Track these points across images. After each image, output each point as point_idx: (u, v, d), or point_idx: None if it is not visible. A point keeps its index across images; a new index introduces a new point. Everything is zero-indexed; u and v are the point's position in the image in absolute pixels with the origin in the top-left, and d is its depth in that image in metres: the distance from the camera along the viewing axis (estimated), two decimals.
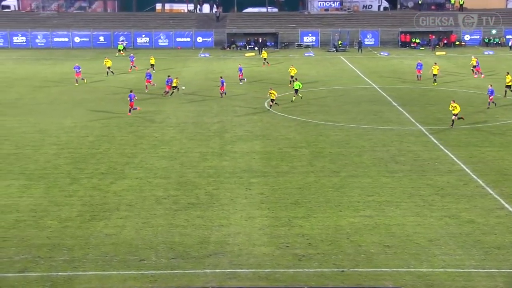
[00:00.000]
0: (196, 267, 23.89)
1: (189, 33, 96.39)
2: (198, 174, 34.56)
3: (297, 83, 54.09)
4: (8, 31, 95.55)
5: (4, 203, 30.03)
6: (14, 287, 22.01)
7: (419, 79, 63.09)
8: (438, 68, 61.58)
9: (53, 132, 43.21)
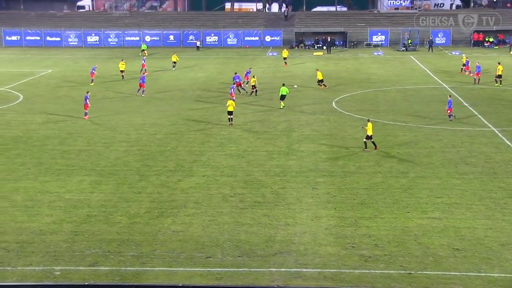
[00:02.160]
0: (262, 265, 23.90)
1: (258, 32, 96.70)
2: (265, 172, 34.59)
3: (282, 89, 51.06)
4: (83, 31, 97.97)
5: (77, 198, 30.76)
6: (85, 280, 22.49)
7: (477, 82, 60.51)
8: (501, 68, 59.54)
9: (123, 130, 44.03)
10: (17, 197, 30.88)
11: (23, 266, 23.79)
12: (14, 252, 24.95)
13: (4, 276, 22.96)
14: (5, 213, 28.80)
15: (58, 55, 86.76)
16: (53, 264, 23.91)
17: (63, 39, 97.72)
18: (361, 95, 56.02)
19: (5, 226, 27.39)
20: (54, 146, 40.00)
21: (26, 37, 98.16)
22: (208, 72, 70.37)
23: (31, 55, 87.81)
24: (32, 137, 41.99)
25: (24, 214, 28.71)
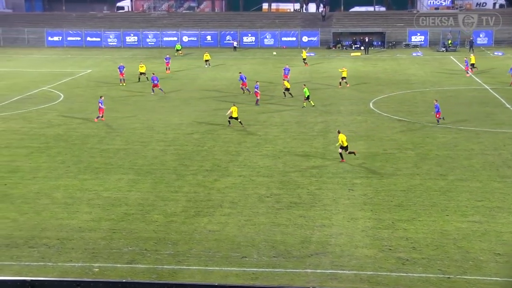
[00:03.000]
0: (297, 266, 23.89)
1: (295, 32, 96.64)
2: (301, 173, 34.55)
3: (305, 90, 51.04)
4: (122, 31, 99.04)
5: (115, 196, 31.12)
6: (123, 277, 22.70)
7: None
8: None
9: (160, 129, 44.39)
10: (58, 195, 31.37)
11: (63, 262, 24.17)
12: (55, 248, 25.36)
13: (46, 271, 23.36)
14: (46, 210, 29.28)
15: (98, 55, 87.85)
16: (91, 261, 24.24)
17: (102, 39, 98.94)
18: (399, 96, 55.59)
19: (46, 222, 27.86)
20: (93, 144, 40.53)
21: (67, 38, 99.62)
22: (245, 73, 70.39)
23: (72, 55, 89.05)
24: (72, 136, 42.60)
25: (64, 211, 29.16)
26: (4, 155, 38.22)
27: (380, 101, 53.61)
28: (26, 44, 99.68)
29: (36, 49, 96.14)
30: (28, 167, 35.83)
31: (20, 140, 41.71)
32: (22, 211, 29.23)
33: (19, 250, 25.14)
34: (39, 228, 27.26)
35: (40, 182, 33.31)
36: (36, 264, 24.03)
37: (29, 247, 25.46)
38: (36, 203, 30.20)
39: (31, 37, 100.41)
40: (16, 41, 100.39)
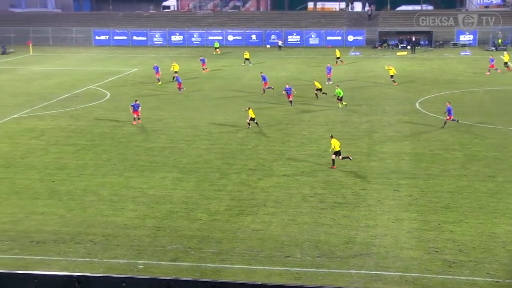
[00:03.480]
0: (341, 267, 23.71)
1: (340, 31, 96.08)
2: (345, 173, 34.31)
3: (338, 90, 50.20)
4: (167, 30, 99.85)
5: (159, 194, 31.36)
6: (167, 274, 22.86)
7: None
8: None
9: (205, 128, 44.58)
10: (104, 192, 31.76)
11: (108, 258, 24.45)
12: (101, 244, 25.67)
13: (91, 267, 23.66)
14: (92, 207, 29.67)
15: (144, 54, 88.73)
16: (136, 258, 24.46)
17: (148, 38, 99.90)
18: (446, 96, 54.74)
19: (92, 219, 28.22)
20: (139, 143, 40.92)
21: (114, 37, 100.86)
22: (290, 72, 70.41)
23: (118, 54, 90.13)
24: (118, 134, 43.10)
25: (109, 208, 29.50)
26: (52, 152, 38.87)
27: (426, 101, 52.92)
28: (74, 43, 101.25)
29: (83, 48, 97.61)
30: (75, 164, 36.37)
31: (67, 137, 42.36)
32: (69, 207, 29.68)
33: (66, 246, 25.52)
34: (86, 225, 27.64)
35: (87, 179, 33.77)
36: (82, 260, 24.36)
37: (76, 243, 25.83)
38: (83, 200, 30.63)
39: (79, 36, 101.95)
40: (65, 40, 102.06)
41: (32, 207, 29.79)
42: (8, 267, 23.38)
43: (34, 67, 77.58)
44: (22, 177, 34.12)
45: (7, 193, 31.66)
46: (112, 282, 21.34)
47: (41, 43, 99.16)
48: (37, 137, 41.99)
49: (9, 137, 42.42)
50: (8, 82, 65.88)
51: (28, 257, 24.54)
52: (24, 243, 25.77)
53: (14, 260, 24.24)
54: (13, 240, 26.10)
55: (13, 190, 32.08)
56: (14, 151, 39.12)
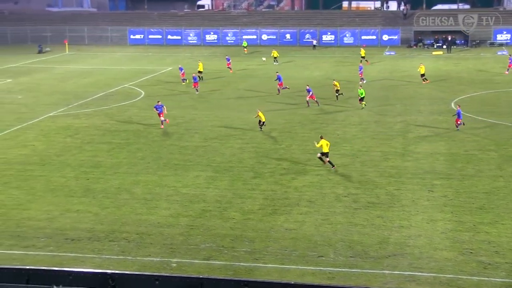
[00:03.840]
0: (375, 267, 23.56)
1: (375, 31, 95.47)
2: (379, 173, 34.09)
3: (360, 91, 49.62)
4: (202, 29, 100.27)
5: (193, 193, 31.49)
6: (200, 273, 22.96)
7: None
8: None
9: (238, 127, 44.66)
10: (137, 190, 32.00)
11: (142, 256, 24.63)
12: (134, 242, 25.87)
13: (125, 265, 23.86)
14: (126, 205, 29.92)
15: (178, 53, 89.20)
16: (169, 256, 24.60)
17: (183, 37, 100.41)
18: (481, 96, 54.11)
19: (126, 217, 28.46)
20: (172, 141, 41.15)
21: (148, 36, 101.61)
22: (324, 71, 70.20)
23: (152, 53, 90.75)
24: (152, 133, 43.39)
25: (143, 207, 29.72)
26: (87, 151, 39.30)
27: (461, 101, 52.26)
28: (109, 42, 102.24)
29: (118, 47, 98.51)
30: (110, 163, 36.72)
31: (102, 136, 42.79)
32: (104, 205, 29.97)
33: (100, 244, 25.77)
34: (119, 223, 27.88)
35: (121, 177, 34.07)
36: (116, 257, 24.57)
37: (110, 240, 26.07)
38: (117, 198, 30.91)
39: (114, 36, 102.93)
40: (100, 39, 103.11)
41: (67, 204, 30.16)
42: (44, 263, 23.72)
43: (70, 66, 78.53)
44: (58, 175, 34.57)
45: (43, 191, 32.10)
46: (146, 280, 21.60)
47: (77, 42, 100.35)
48: (72, 135, 42.50)
49: (44, 135, 43.01)
50: (44, 81, 66.80)
51: (63, 254, 24.85)
52: (59, 240, 26.11)
53: (49, 257, 24.56)
54: (48, 237, 26.45)
55: (49, 188, 32.51)
56: (49, 149, 39.66)
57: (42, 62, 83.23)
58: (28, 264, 23.49)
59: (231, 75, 68.25)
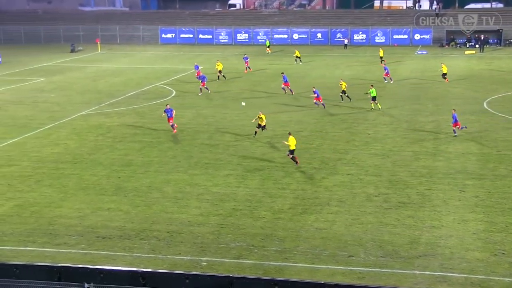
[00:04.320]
0: (405, 267, 23.40)
1: (407, 30, 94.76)
2: (410, 173, 33.85)
3: (372, 90, 48.63)
4: (233, 28, 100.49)
5: (223, 192, 31.58)
6: (230, 272, 23.01)
7: None
8: None
9: (269, 126, 44.58)
10: (168, 189, 32.18)
11: (172, 255, 24.76)
12: (165, 241, 26.02)
13: (156, 263, 24.01)
14: (157, 204, 30.12)
15: (209, 52, 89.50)
16: (200, 255, 24.69)
17: (214, 36, 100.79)
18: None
19: (157, 216, 28.64)
20: (203, 140, 41.30)
21: (180, 35, 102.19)
22: (355, 71, 69.90)
23: (184, 52, 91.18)
24: (182, 131, 43.59)
25: (174, 205, 29.88)
26: (118, 149, 39.63)
27: (494, 101, 51.71)
28: (141, 41, 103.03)
29: (150, 46, 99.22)
30: (141, 161, 36.99)
31: (133, 134, 43.11)
32: (134, 204, 30.20)
33: (131, 242, 25.97)
34: (150, 221, 28.07)
35: (152, 176, 34.29)
36: (146, 256, 24.74)
37: (140, 239, 26.26)
38: (148, 197, 31.12)
39: (145, 35, 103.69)
40: (132, 39, 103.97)
41: (98, 203, 30.45)
42: (75, 261, 23.98)
43: (102, 65, 79.28)
44: (89, 173, 34.92)
45: (75, 189, 32.46)
46: (176, 278, 21.76)
47: (109, 41, 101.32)
48: (104, 134, 42.89)
49: (77, 134, 43.48)
50: (77, 80, 67.53)
51: (94, 252, 25.09)
52: (91, 238, 26.37)
53: (81, 255, 24.82)
54: (80, 235, 26.74)
55: (80, 186, 32.86)
56: (81, 148, 40.09)
57: (74, 61, 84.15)
58: (60, 261, 23.81)
59: (263, 74, 68.21)
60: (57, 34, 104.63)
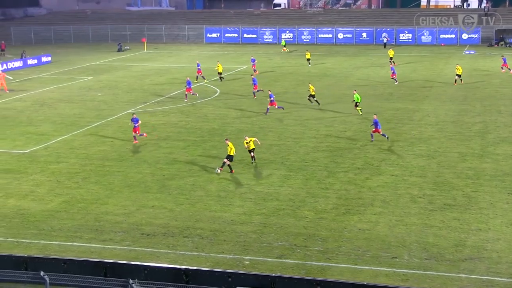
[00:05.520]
0: (450, 270, 23.07)
1: (454, 29, 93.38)
2: (456, 174, 33.36)
3: (356, 96, 47.33)
4: (277, 28, 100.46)
5: (266, 191, 31.59)
6: (272, 271, 23.01)
7: None
8: None
9: (313, 126, 44.53)
10: (212, 187, 32.33)
11: (215, 253, 24.87)
12: (208, 239, 26.16)
13: (199, 261, 24.15)
14: (200, 202, 30.29)
15: (254, 52, 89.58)
16: (242, 254, 24.76)
17: (258, 36, 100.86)
18: None
19: (200, 214, 28.81)
20: None
21: (225, 34, 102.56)
22: (400, 70, 69.09)
23: (228, 51, 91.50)
24: (226, 130, 43.74)
25: (217, 204, 30.01)
26: (163, 147, 39.97)
27: None
28: (186, 40, 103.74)
29: (195, 45, 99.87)
30: (185, 160, 37.24)
31: (178, 133, 43.44)
32: (178, 201, 30.43)
33: (175, 239, 26.17)
34: (194, 219, 28.24)
35: (196, 174, 34.50)
36: (190, 253, 24.90)
37: (184, 236, 26.45)
38: (191, 195, 31.31)
39: (191, 34, 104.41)
40: (177, 38, 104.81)
41: (143, 200, 30.77)
42: (121, 257, 24.29)
43: (147, 64, 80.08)
44: (134, 171, 35.30)
45: (120, 186, 32.85)
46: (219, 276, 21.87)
47: (155, 40, 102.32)
48: (149, 132, 43.27)
49: (123, 132, 43.99)
50: (123, 79, 68.35)
51: (138, 249, 25.36)
52: (135, 235, 26.66)
53: (126, 251, 25.12)
54: (125, 231, 27.06)
55: (126, 184, 33.24)
56: (127, 146, 40.54)
57: (121, 60, 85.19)
58: (105, 257, 24.15)
59: (308, 74, 68.04)
60: (104, 33, 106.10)
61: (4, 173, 35.24)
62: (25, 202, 30.75)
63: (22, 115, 48.92)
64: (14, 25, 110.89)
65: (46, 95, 58.91)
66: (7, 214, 29.16)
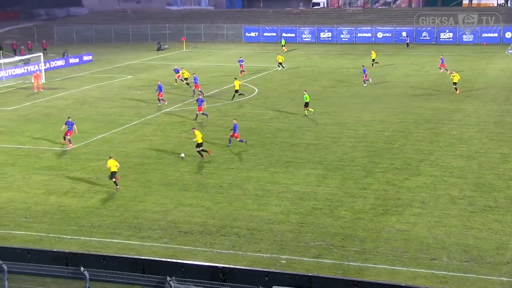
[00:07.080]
0: (491, 273, 22.71)
1: (497, 28, 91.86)
2: (498, 176, 32.83)
3: (305, 96, 46.77)
4: (316, 27, 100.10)
5: (304, 191, 31.52)
6: (309, 270, 22.95)
7: None
8: None
9: (351, 125, 44.28)
10: (249, 186, 32.38)
11: (252, 252, 24.90)
12: (245, 238, 26.20)
13: (236, 259, 24.21)
14: (238, 201, 30.35)
15: (292, 51, 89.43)
16: (279, 253, 24.74)
17: (297, 35, 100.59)
18: None
19: (238, 213, 28.87)
20: (284, 139, 41.32)
21: (263, 34, 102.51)
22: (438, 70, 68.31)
23: (267, 50, 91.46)
24: (264, 130, 43.75)
25: (254, 203, 30.04)
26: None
27: None
28: (225, 39, 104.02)
29: (234, 44, 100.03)
30: (223, 158, 37.34)
31: (215, 132, 43.56)
32: (216, 200, 30.53)
33: (212, 238, 26.27)
34: (231, 218, 28.31)
35: (233, 173, 34.58)
36: (227, 252, 24.97)
37: (221, 235, 26.53)
38: (229, 193, 31.40)
39: (229, 33, 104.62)
40: (216, 37, 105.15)
41: (181, 198, 30.95)
42: (158, 255, 24.48)
43: (186, 63, 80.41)
44: (172, 169, 35.53)
45: (158, 184, 33.10)
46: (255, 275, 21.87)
47: (194, 39, 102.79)
48: (187, 131, 43.47)
49: (161, 130, 44.32)
50: (162, 77, 68.66)
51: (176, 247, 25.52)
52: (173, 233, 26.83)
53: (164, 249, 25.31)
54: (163, 229, 27.25)
55: (164, 182, 33.48)
56: (165, 144, 40.83)
57: (160, 59, 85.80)
58: (143, 254, 24.37)
59: (347, 73, 67.71)
60: (144, 32, 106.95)
61: (46, 170, 35.82)
62: (66, 198, 31.21)
63: (64, 113, 49.60)
64: (57, 24, 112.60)
65: (87, 93, 59.68)
66: (49, 210, 29.64)
